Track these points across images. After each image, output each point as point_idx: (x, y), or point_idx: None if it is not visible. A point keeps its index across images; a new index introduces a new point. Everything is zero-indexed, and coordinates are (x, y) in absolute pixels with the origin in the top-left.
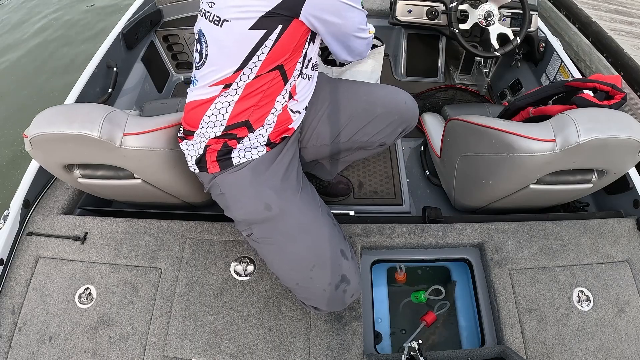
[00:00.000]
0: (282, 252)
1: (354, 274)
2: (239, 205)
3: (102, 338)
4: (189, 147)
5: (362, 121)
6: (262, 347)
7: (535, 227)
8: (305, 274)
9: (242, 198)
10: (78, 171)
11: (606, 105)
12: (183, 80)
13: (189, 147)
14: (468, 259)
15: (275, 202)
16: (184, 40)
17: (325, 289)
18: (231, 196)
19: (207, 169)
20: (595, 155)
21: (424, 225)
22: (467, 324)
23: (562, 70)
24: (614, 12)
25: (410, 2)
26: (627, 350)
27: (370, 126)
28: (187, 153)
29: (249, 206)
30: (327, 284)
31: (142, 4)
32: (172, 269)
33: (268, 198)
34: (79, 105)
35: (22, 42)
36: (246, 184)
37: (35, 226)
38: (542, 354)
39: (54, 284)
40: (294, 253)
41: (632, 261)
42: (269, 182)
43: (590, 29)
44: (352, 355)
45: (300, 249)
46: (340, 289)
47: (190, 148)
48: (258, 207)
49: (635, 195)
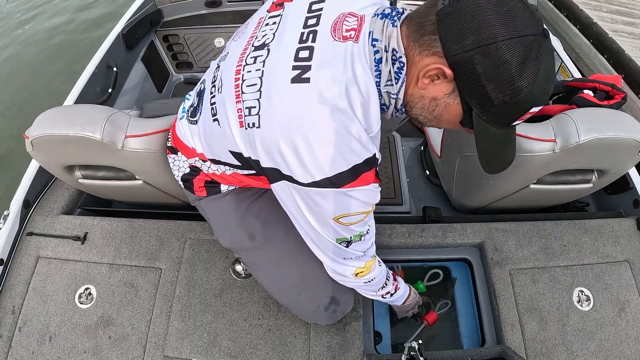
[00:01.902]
0: (269, 276)
1: (344, 293)
2: (223, 233)
3: (102, 338)
4: (175, 162)
5: None
6: (262, 347)
7: (535, 227)
8: (293, 297)
9: (227, 226)
10: (79, 172)
11: (606, 105)
12: (183, 80)
13: (175, 161)
14: (468, 259)
15: (259, 231)
16: (184, 40)
17: (315, 310)
18: (215, 222)
19: (193, 190)
20: (595, 155)
21: (424, 225)
22: (467, 324)
23: (562, 70)
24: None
25: (410, 2)
26: (627, 350)
27: None
28: (173, 166)
29: (234, 236)
30: (317, 306)
31: (142, 4)
32: (172, 269)
33: (252, 227)
34: (80, 106)
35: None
36: (230, 211)
37: (35, 226)
38: (542, 354)
39: (54, 284)
40: (281, 278)
41: (632, 261)
42: (254, 210)
43: (591, 30)
44: (352, 355)
45: (286, 275)
46: (330, 310)
47: (176, 163)
48: (242, 237)
49: (635, 195)
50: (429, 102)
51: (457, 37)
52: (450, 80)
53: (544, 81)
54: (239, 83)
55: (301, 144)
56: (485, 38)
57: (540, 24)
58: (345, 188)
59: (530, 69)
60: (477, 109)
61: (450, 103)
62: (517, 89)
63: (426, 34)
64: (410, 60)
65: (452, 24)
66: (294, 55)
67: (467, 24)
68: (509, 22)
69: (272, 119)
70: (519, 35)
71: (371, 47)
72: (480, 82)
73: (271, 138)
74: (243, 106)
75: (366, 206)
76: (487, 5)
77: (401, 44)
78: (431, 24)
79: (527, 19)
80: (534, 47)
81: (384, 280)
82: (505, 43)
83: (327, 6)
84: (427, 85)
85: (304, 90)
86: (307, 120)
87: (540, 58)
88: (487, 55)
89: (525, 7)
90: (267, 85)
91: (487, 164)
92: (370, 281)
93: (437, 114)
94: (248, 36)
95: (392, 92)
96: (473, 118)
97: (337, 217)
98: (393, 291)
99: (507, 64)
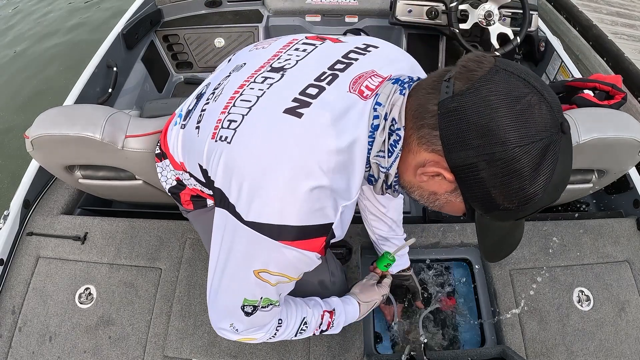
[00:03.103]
0: None
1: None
2: (209, 247)
3: (102, 338)
4: (162, 171)
5: None
6: (262, 347)
7: (535, 227)
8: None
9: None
10: (79, 172)
11: (606, 105)
12: (183, 80)
13: (162, 171)
14: (468, 259)
15: None
16: (184, 40)
17: None
18: (203, 235)
19: (181, 203)
20: (595, 155)
21: (424, 225)
22: (467, 324)
23: (562, 70)
24: (615, 14)
25: (410, 2)
26: (627, 350)
27: None
28: (161, 176)
29: None
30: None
31: (142, 4)
32: (172, 269)
33: None
34: (80, 106)
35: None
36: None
37: (36, 226)
38: (542, 354)
39: (54, 284)
40: None
41: (632, 261)
42: None
43: (590, 33)
44: (352, 355)
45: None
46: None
47: (164, 173)
48: None
49: (635, 195)
50: (428, 194)
51: (460, 139)
52: (452, 181)
53: (559, 184)
54: (236, 97)
55: (263, 179)
56: (493, 144)
57: (558, 117)
58: (283, 243)
59: (544, 176)
60: (480, 210)
61: (452, 200)
62: (527, 196)
63: (425, 126)
64: (408, 145)
65: (455, 124)
66: (301, 89)
67: (472, 126)
68: (521, 125)
69: (245, 140)
70: (533, 141)
71: (372, 110)
72: (484, 188)
73: (236, 160)
74: (225, 118)
75: (295, 271)
76: (497, 103)
77: (403, 116)
78: (431, 115)
79: (544, 117)
80: (549, 150)
81: (289, 333)
82: (516, 150)
83: (363, 59)
84: (426, 181)
85: (291, 124)
86: (281, 157)
87: (556, 161)
88: (494, 163)
89: (542, 100)
90: (259, 105)
91: (490, 256)
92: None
93: (438, 205)
94: (271, 54)
95: (381, 165)
96: (475, 216)
97: (259, 270)
98: (325, 328)
99: (517, 173)
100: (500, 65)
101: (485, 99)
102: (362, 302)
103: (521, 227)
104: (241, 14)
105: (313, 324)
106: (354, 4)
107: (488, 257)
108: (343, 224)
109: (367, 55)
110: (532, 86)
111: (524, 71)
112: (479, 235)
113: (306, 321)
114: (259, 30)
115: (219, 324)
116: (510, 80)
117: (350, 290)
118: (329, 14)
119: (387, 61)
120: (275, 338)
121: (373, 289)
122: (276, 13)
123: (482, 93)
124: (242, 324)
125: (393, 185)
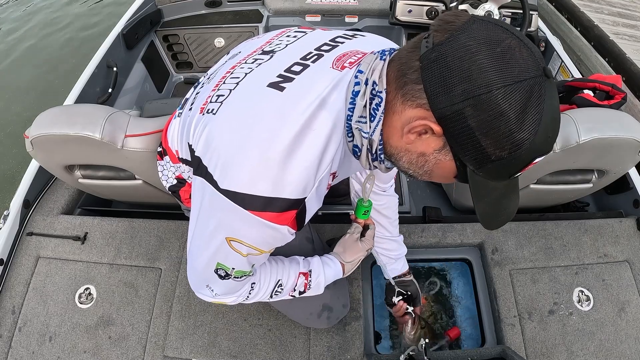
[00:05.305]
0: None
1: (338, 299)
2: None
3: (102, 338)
4: (163, 170)
5: None
6: (262, 347)
7: (535, 227)
8: (285, 307)
9: None
10: (79, 172)
11: (606, 105)
12: (183, 80)
13: (163, 169)
14: (468, 259)
15: None
16: (184, 40)
17: (308, 317)
18: None
19: (182, 201)
20: (595, 155)
21: (424, 225)
22: (467, 324)
23: (562, 70)
24: (617, 15)
25: (411, 2)
26: (627, 350)
27: None
28: (162, 175)
29: None
30: (309, 313)
31: (142, 4)
32: (172, 269)
33: None
34: (80, 106)
35: None
36: None
37: (35, 226)
38: (542, 354)
39: (54, 284)
40: None
41: (632, 261)
42: None
43: (592, 33)
44: (352, 355)
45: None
46: (324, 316)
47: (165, 172)
48: None
49: (635, 195)
50: (416, 157)
51: (443, 87)
52: (440, 136)
53: (548, 129)
54: (227, 76)
55: (238, 149)
56: (476, 87)
57: (540, 62)
58: (252, 213)
59: (532, 118)
60: (472, 165)
61: (442, 159)
62: (517, 142)
63: (409, 82)
64: (392, 107)
65: (438, 72)
66: (287, 67)
67: (455, 71)
68: (503, 66)
69: (228, 111)
70: (517, 81)
71: (354, 77)
72: (473, 137)
73: (216, 129)
74: (214, 93)
75: (265, 244)
76: (477, 47)
77: (384, 79)
78: (414, 71)
79: (525, 59)
80: (534, 92)
81: (263, 295)
82: (500, 91)
83: (350, 42)
84: (414, 141)
85: (271, 97)
86: (258, 127)
87: (542, 104)
88: (480, 107)
89: (522, 44)
90: (246, 81)
91: (487, 221)
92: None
93: (427, 169)
94: (264, 40)
95: (363, 131)
96: (468, 174)
97: (230, 238)
98: (303, 289)
99: (504, 116)
100: (478, 17)
101: (465, 44)
102: (345, 262)
103: (516, 190)
104: (241, 14)
105: (289, 286)
106: (354, 4)
107: (485, 222)
108: (319, 195)
109: (353, 40)
110: (510, 32)
111: (502, 22)
112: (474, 198)
113: (281, 283)
114: (259, 30)
115: (197, 286)
116: (488, 27)
117: (334, 249)
118: (329, 14)
119: (374, 45)
120: (248, 300)
121: (357, 245)
122: (276, 13)
123: (462, 40)
124: (218, 287)
125: (378, 154)
